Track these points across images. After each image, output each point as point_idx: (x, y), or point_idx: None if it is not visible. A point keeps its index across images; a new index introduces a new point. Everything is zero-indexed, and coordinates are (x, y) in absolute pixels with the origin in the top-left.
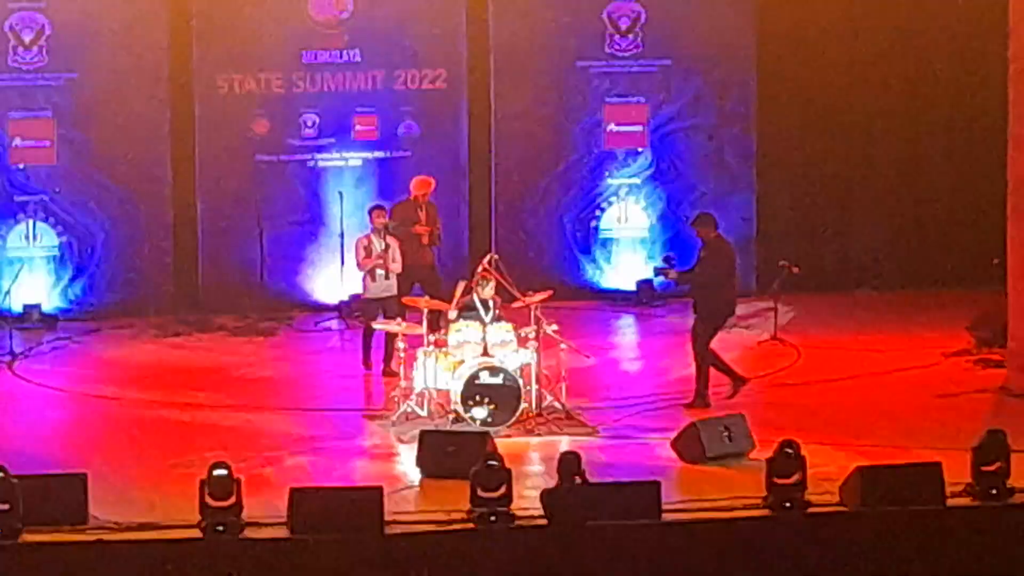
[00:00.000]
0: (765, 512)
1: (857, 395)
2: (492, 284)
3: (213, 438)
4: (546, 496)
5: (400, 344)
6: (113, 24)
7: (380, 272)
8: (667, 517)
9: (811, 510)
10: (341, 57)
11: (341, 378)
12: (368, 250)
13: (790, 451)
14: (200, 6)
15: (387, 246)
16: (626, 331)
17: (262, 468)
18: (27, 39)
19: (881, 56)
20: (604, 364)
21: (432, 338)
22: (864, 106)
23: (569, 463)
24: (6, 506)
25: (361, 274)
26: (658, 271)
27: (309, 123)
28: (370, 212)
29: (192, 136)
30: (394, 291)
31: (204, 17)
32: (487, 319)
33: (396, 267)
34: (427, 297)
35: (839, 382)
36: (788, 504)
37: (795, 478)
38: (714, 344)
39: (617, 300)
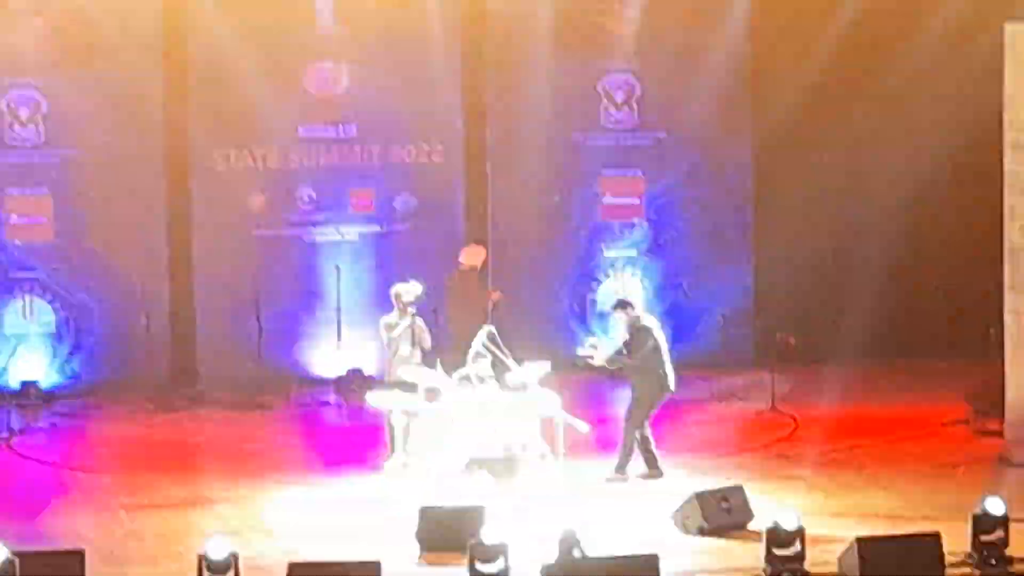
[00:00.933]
0: None
1: (855, 465)
2: (487, 360)
3: (211, 513)
4: (546, 570)
5: (398, 417)
6: (109, 101)
7: (404, 353)
8: None
9: None
10: (337, 132)
11: (338, 451)
12: (391, 328)
13: (789, 521)
14: (197, 82)
15: (412, 323)
16: (624, 403)
17: (260, 542)
18: (24, 116)
19: (877, 128)
20: (602, 436)
21: (429, 406)
22: (860, 177)
23: (568, 536)
24: None
25: (388, 355)
26: (582, 357)
27: (306, 198)
28: (396, 290)
29: (189, 211)
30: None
31: (200, 93)
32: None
33: (426, 344)
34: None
35: (837, 452)
36: (788, 575)
37: (794, 549)
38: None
39: (614, 372)
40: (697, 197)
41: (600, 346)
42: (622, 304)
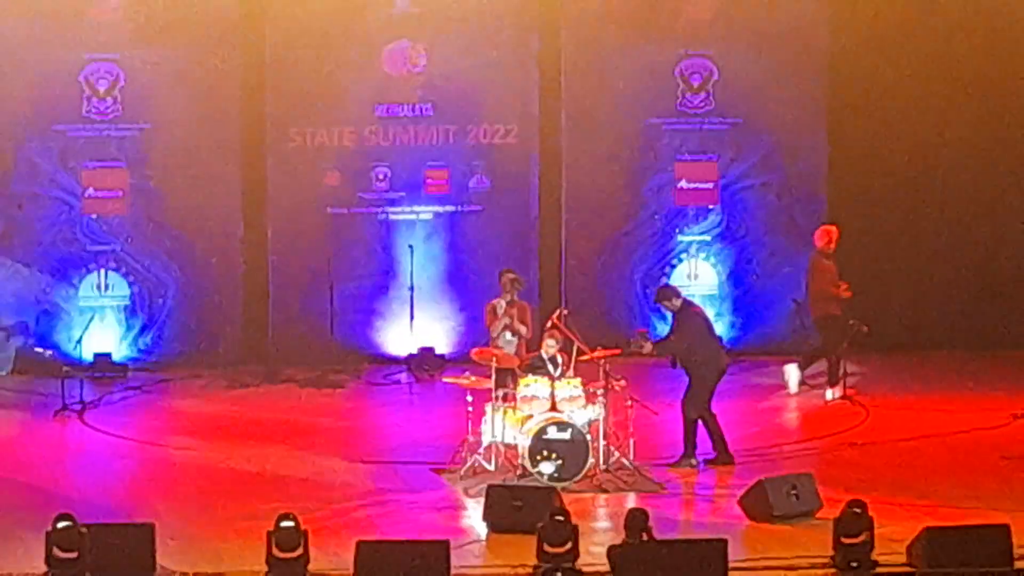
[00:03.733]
0: (832, 572)
1: (925, 455)
2: (557, 342)
3: (281, 489)
4: (613, 552)
5: (468, 398)
6: (187, 76)
7: (508, 338)
8: (733, 575)
9: (878, 570)
10: (413, 111)
11: (409, 431)
12: (495, 313)
13: (858, 511)
14: (274, 60)
15: (514, 309)
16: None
17: (329, 520)
18: (101, 90)
19: (954, 115)
20: (672, 420)
21: (500, 392)
22: (936, 165)
23: (636, 519)
24: (74, 554)
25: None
26: (632, 347)
27: (381, 176)
28: (500, 275)
29: (264, 188)
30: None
31: (277, 70)
32: (555, 374)
33: (524, 330)
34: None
35: (907, 442)
36: (855, 564)
37: (862, 538)
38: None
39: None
40: (771, 183)
41: (649, 334)
42: (662, 294)
